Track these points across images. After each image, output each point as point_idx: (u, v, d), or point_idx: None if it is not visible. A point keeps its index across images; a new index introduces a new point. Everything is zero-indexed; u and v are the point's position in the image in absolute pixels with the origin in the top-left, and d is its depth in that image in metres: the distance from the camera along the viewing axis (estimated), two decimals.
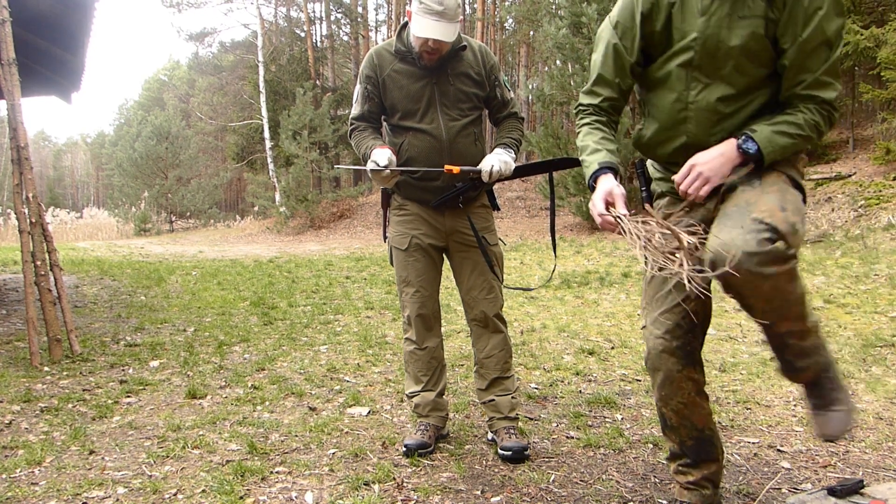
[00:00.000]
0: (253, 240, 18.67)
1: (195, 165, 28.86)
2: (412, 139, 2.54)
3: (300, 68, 25.92)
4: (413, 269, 2.64)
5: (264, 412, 3.15)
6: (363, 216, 20.17)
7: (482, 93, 2.58)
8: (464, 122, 2.54)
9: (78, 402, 3.31)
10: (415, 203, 2.63)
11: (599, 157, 1.88)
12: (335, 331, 5.08)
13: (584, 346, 4.38)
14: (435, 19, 2.31)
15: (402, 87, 2.53)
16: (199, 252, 13.64)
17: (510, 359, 2.69)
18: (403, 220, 2.65)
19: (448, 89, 2.51)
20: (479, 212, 2.66)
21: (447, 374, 2.96)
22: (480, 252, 2.61)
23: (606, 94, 1.91)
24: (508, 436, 2.57)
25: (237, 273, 9.02)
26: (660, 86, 1.83)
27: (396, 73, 2.53)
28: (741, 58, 1.68)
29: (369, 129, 2.65)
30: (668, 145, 1.87)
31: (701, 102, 1.75)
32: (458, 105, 2.53)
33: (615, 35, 1.84)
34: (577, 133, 2.00)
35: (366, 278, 8.24)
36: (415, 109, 2.52)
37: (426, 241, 2.62)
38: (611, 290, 6.70)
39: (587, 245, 10.75)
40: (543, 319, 5.38)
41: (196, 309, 6.09)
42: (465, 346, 4.50)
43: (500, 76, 2.64)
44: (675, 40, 1.75)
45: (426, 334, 2.70)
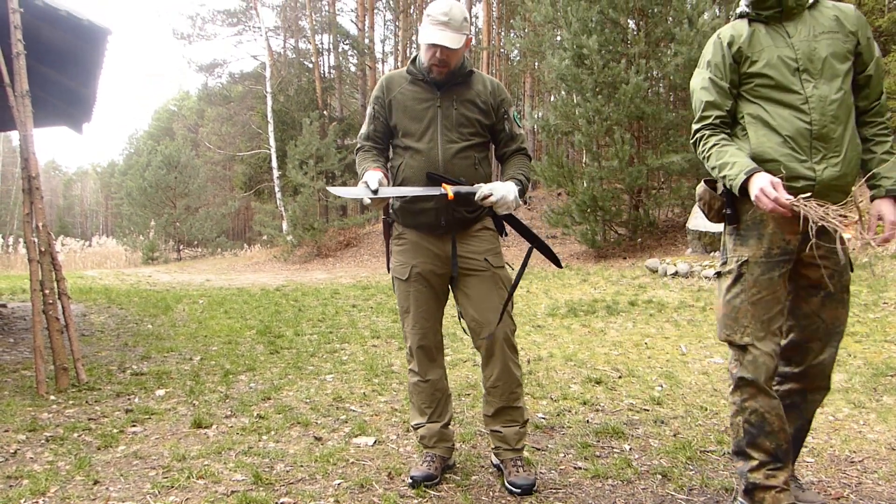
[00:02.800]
0: (260, 268, 18.72)
1: (203, 194, 29.11)
2: (409, 159, 2.55)
3: (307, 98, 26.26)
4: (414, 299, 2.62)
5: (270, 442, 3.14)
6: (369, 244, 20.23)
7: (487, 121, 2.59)
8: (463, 144, 2.54)
9: (83, 431, 3.31)
10: (413, 230, 2.62)
11: (747, 162, 2.05)
12: (341, 360, 5.06)
13: (591, 376, 4.35)
14: (440, 28, 2.41)
15: (406, 108, 2.58)
16: (206, 280, 13.68)
17: (518, 388, 2.60)
18: (403, 250, 2.64)
19: (451, 112, 2.54)
20: (481, 234, 2.62)
21: (453, 404, 2.93)
22: (492, 275, 2.57)
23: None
24: (516, 469, 2.53)
25: (244, 301, 9.04)
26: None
27: (402, 94, 2.59)
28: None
29: (373, 150, 2.67)
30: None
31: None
32: (460, 129, 2.54)
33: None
34: (703, 153, 2.20)
35: (372, 307, 8.23)
36: (415, 129, 2.55)
37: (427, 269, 2.60)
38: (618, 319, 6.67)
39: (593, 273, 10.73)
40: (550, 348, 5.36)
41: (202, 337, 6.09)
42: (472, 374, 4.47)
43: (511, 111, 2.65)
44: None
45: (429, 366, 2.68)
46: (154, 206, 26.68)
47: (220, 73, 30.58)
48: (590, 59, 12.46)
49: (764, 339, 2.10)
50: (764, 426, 2.11)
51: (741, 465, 2.18)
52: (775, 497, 2.09)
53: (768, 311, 2.11)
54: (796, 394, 2.28)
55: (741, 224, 2.16)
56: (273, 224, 22.69)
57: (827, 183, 2.04)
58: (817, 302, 2.17)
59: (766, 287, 2.11)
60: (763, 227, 2.12)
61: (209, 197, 30.79)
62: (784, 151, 2.07)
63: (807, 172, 2.04)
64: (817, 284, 2.15)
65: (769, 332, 2.11)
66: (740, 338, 2.12)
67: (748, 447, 2.14)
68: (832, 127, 2.07)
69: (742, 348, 2.12)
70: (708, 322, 6.18)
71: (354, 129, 26.46)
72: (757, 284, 2.11)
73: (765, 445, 2.12)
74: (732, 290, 2.15)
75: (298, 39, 30.56)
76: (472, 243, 2.59)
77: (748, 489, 2.15)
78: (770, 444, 2.11)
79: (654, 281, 9.37)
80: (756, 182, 1.97)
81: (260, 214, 24.53)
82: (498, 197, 2.41)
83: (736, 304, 2.14)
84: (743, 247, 2.15)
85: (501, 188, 2.42)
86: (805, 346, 2.22)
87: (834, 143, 2.07)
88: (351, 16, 31.28)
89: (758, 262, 2.12)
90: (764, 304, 2.11)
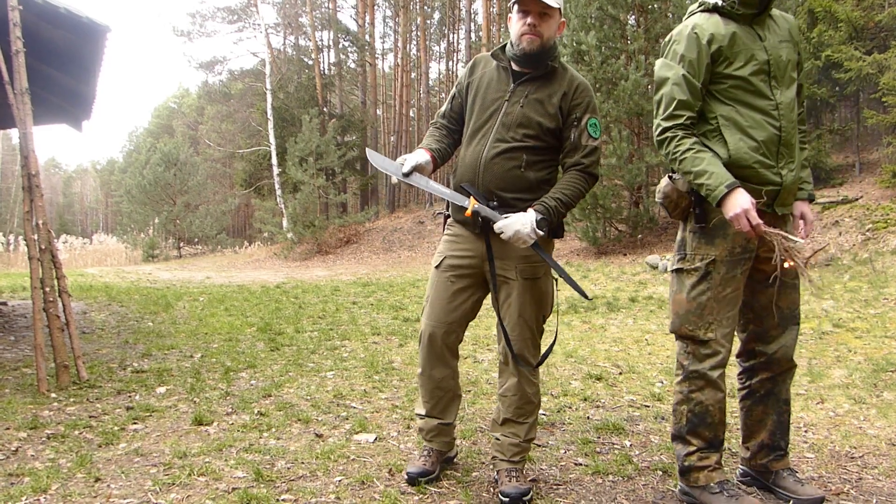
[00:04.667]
0: (260, 265, 18.73)
1: (203, 192, 29.14)
2: (464, 149, 2.49)
3: (307, 95, 26.26)
4: (436, 289, 2.53)
5: (271, 439, 3.14)
6: (370, 241, 20.23)
7: (551, 124, 2.37)
8: (514, 145, 2.36)
9: (84, 428, 3.31)
10: (458, 224, 2.53)
11: (726, 175, 2.08)
12: (342, 357, 5.07)
13: (591, 372, 4.35)
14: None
15: (479, 92, 2.48)
16: (206, 278, 13.68)
17: (528, 405, 2.48)
18: (446, 240, 2.57)
19: (514, 109, 2.38)
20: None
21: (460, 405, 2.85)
22: (521, 285, 2.42)
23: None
24: (508, 478, 2.43)
25: (244, 299, 9.04)
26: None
27: (482, 79, 2.49)
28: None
29: (444, 129, 2.61)
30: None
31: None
32: (517, 128, 2.37)
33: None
34: (675, 155, 2.17)
35: (372, 304, 8.23)
36: (479, 119, 2.45)
37: (459, 261, 2.48)
38: (618, 315, 6.67)
39: (594, 270, 10.73)
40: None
41: (203, 335, 6.09)
42: (472, 371, 4.47)
43: (587, 118, 2.39)
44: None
45: (432, 361, 2.55)
46: (154, 203, 26.72)
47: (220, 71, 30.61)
48: (589, 56, 12.45)
49: (727, 333, 2.23)
50: (706, 417, 2.26)
51: (679, 448, 2.33)
52: (708, 475, 2.26)
53: (732, 308, 2.23)
54: (768, 381, 2.38)
55: (708, 224, 2.20)
56: (273, 221, 22.71)
57: (788, 187, 2.18)
58: (772, 292, 2.25)
59: (730, 284, 2.21)
60: (728, 227, 2.16)
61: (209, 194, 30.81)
62: (757, 157, 2.13)
63: (774, 178, 2.15)
64: (770, 276, 2.21)
65: (731, 326, 2.24)
66: (704, 333, 2.22)
67: (688, 434, 2.29)
68: (792, 133, 2.19)
69: (703, 342, 2.23)
70: None
71: (354, 125, 26.48)
72: (723, 282, 2.19)
73: (704, 434, 2.27)
74: (698, 288, 2.22)
75: (298, 36, 30.55)
76: (508, 247, 2.37)
77: (684, 470, 2.31)
78: (708, 434, 2.27)
79: (654, 277, 9.37)
80: (737, 201, 2.03)
81: (260, 211, 24.57)
82: (510, 234, 2.23)
83: (702, 300, 2.21)
84: (709, 246, 2.20)
85: (515, 222, 2.23)
86: (767, 335, 2.33)
87: (793, 149, 2.19)
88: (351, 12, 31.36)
89: (723, 260, 2.19)
90: (728, 300, 2.21)
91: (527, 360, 2.46)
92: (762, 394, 2.39)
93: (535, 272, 2.44)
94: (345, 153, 21.87)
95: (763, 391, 2.39)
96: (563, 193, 2.34)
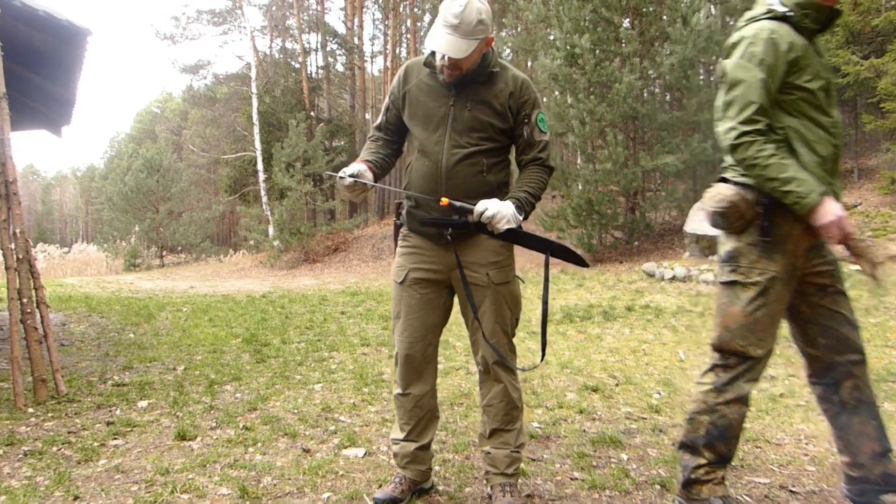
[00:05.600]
0: (245, 274, 18.66)
1: (187, 199, 29.01)
2: (415, 161, 2.47)
3: (294, 99, 26.24)
4: (406, 305, 2.52)
5: (256, 454, 3.12)
6: (359, 249, 20.20)
7: (502, 125, 2.42)
8: (471, 150, 2.38)
9: (63, 444, 3.27)
10: (418, 235, 2.53)
11: (816, 182, 2.08)
12: (330, 368, 5.05)
13: (587, 383, 4.35)
14: (448, 32, 2.23)
15: (419, 103, 2.46)
16: (190, 287, 13.60)
17: (514, 410, 2.50)
18: (405, 252, 2.55)
19: (463, 114, 2.39)
20: (487, 244, 2.43)
21: (441, 420, 2.82)
22: (494, 291, 2.43)
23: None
24: (503, 493, 2.43)
25: (229, 309, 8.99)
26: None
27: (418, 89, 2.47)
28: None
29: (381, 141, 2.60)
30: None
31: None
32: (470, 133, 2.39)
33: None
34: (757, 161, 2.11)
35: (361, 314, 8.21)
36: (425, 129, 2.44)
37: (425, 275, 2.49)
38: (614, 325, 6.68)
39: (589, 278, 10.75)
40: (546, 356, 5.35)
41: (186, 346, 6.05)
42: (465, 383, 4.47)
43: (535, 114, 2.45)
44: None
45: (412, 378, 2.54)
46: (136, 210, 26.58)
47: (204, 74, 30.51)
48: (582, 59, 12.53)
49: (771, 350, 2.25)
50: (727, 432, 2.24)
51: (687, 459, 2.30)
52: (712, 489, 2.25)
53: (777, 325, 2.25)
54: (855, 390, 2.30)
55: (773, 237, 2.18)
56: (259, 229, 22.63)
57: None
58: (830, 300, 2.27)
59: (783, 301, 2.23)
60: (786, 243, 2.18)
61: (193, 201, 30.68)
62: (821, 173, 2.16)
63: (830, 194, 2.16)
64: (827, 286, 2.25)
65: (774, 343, 2.25)
66: (754, 349, 2.21)
67: (703, 446, 2.26)
68: (842, 151, 2.25)
69: (751, 359, 2.22)
70: (706, 328, 6.20)
71: (342, 130, 26.49)
72: (778, 299, 2.21)
73: (719, 448, 2.26)
74: (755, 303, 2.20)
75: (285, 39, 30.55)
76: (475, 253, 2.44)
77: (687, 482, 2.29)
78: (724, 449, 2.26)
79: (651, 285, 9.40)
80: (831, 209, 2.05)
81: (245, 219, 24.47)
82: (494, 211, 2.25)
83: (758, 316, 2.20)
84: (769, 260, 2.19)
85: (496, 205, 2.27)
86: (841, 344, 2.29)
87: (840, 167, 2.27)
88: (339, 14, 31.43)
89: (781, 277, 2.19)
90: (777, 317, 2.24)
91: (508, 367, 2.49)
92: (854, 404, 2.30)
93: (506, 276, 2.49)
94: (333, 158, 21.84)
95: (853, 401, 2.30)
96: (529, 186, 2.43)
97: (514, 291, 2.52)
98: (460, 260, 2.42)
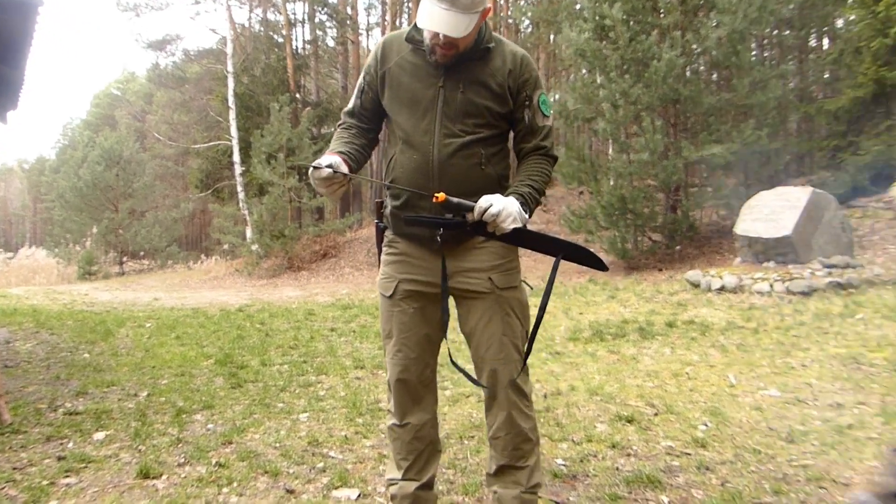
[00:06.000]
0: (219, 284, 18.72)
1: (151, 195, 29.21)
2: (400, 154, 2.43)
3: (277, 79, 26.36)
4: (398, 321, 2.50)
5: (232, 495, 3.12)
6: (351, 255, 20.25)
7: (501, 108, 2.40)
8: (466, 139, 2.36)
9: (7, 483, 3.28)
10: (405, 240, 2.50)
11: None
12: (318, 395, 5.05)
13: (621, 413, 4.34)
14: (444, 7, 2.18)
15: (402, 85, 2.43)
16: (154, 300, 13.66)
17: (525, 443, 2.46)
18: (392, 261, 2.53)
19: (455, 96, 2.36)
20: (487, 246, 2.41)
21: (448, 456, 2.81)
22: (497, 298, 2.42)
23: None
24: None
25: (200, 325, 9.02)
26: None
27: (400, 68, 2.43)
28: None
29: (354, 129, 2.57)
30: None
31: None
32: (464, 119, 2.36)
33: None
34: None
35: (355, 330, 8.22)
36: (410, 116, 2.41)
37: (418, 286, 2.47)
38: (652, 344, 6.66)
39: (623, 289, 10.73)
40: (571, 380, 5.35)
41: (150, 369, 6.07)
42: (477, 412, 4.46)
43: (536, 95, 2.44)
44: None
45: (409, 406, 2.53)
46: (92, 209, 26.74)
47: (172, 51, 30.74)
48: (614, 32, 12.55)
49: None
50: None
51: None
52: None
53: None
54: None
55: None
56: (235, 231, 22.72)
57: None
58: None
59: None
60: None
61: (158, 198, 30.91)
62: None
63: None
64: None
65: None
66: None
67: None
68: None
69: None
70: (761, 347, 6.18)
71: (333, 115, 26.55)
72: None
73: None
74: None
75: (266, 9, 30.70)
76: (474, 257, 2.43)
77: None
78: None
79: (695, 297, 9.37)
80: None
81: (219, 219, 24.55)
82: (499, 208, 2.19)
83: None
84: None
85: (500, 200, 2.22)
86: None
87: None
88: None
89: None
90: None
91: (519, 388, 2.45)
92: None
93: (513, 280, 2.47)
94: (321, 148, 21.90)
95: None
96: (532, 180, 2.40)
97: (521, 299, 2.51)
98: (450, 267, 2.40)
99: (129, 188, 27.13)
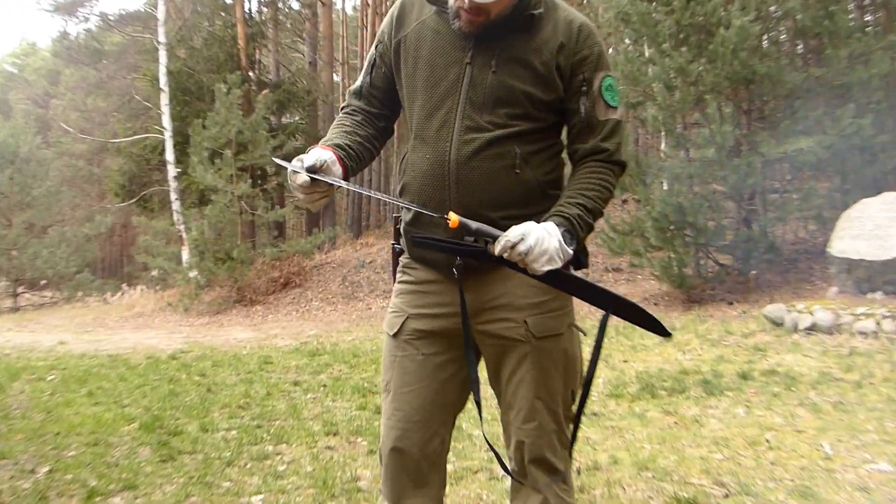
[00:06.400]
0: (146, 323, 18.70)
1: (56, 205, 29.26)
2: (412, 153, 2.41)
3: (224, 53, 26.46)
4: (400, 368, 2.46)
5: None
6: (321, 284, 20.24)
7: (544, 95, 2.32)
8: (495, 134, 2.29)
9: None
10: (422, 266, 2.47)
11: None
12: (276, 471, 5.04)
13: (679, 494, 4.32)
14: None
15: (419, 60, 2.39)
16: (59, 344, 13.65)
17: None
18: (404, 290, 2.51)
19: (484, 78, 2.30)
20: (519, 277, 2.24)
21: None
22: (535, 349, 2.35)
23: None
24: None
25: (120, 377, 9.00)
26: None
27: (419, 36, 2.40)
28: None
29: (360, 115, 2.55)
30: None
31: None
32: (495, 108, 2.30)
33: None
34: None
35: (325, 384, 8.20)
36: (428, 100, 2.38)
37: (432, 324, 2.43)
38: (721, 402, 6.64)
39: (682, 328, 10.72)
40: (613, 449, 5.33)
41: (53, 436, 6.05)
42: (488, 494, 4.44)
43: (598, 79, 2.35)
44: None
45: (406, 489, 2.47)
46: None
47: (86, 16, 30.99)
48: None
49: None
50: None
51: None
52: None
53: None
54: None
55: None
56: (167, 252, 22.69)
57: None
58: None
59: None
60: None
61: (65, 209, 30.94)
62: None
63: None
64: None
65: None
66: None
67: None
68: None
69: None
70: (866, 405, 6.15)
71: (297, 99, 26.69)
72: None
73: None
74: None
75: None
76: (506, 290, 2.37)
77: None
78: None
79: (778, 339, 9.36)
80: None
81: (146, 237, 24.60)
82: (529, 245, 2.08)
83: None
84: None
85: (535, 228, 2.12)
86: None
87: None
88: None
89: None
90: None
91: (553, 468, 2.41)
92: None
93: (556, 326, 2.40)
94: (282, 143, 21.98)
95: None
96: (584, 196, 2.29)
97: (569, 351, 2.44)
98: (473, 302, 2.34)
99: (27, 196, 27.17)
